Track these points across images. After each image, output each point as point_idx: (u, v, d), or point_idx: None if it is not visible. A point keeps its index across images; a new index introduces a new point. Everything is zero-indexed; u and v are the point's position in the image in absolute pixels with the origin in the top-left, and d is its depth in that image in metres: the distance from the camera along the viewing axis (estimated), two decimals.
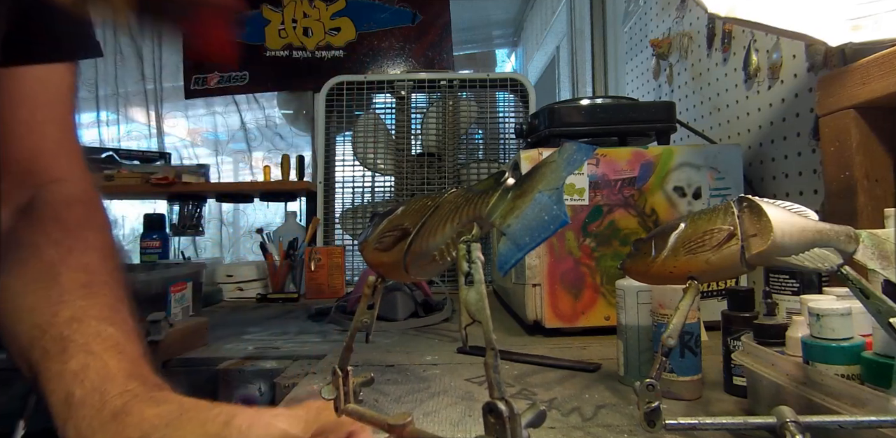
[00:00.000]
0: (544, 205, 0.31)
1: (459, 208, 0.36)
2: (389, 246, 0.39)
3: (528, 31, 4.04)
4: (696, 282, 0.49)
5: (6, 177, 0.56)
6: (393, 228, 0.39)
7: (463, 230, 0.35)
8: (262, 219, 2.95)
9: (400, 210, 0.41)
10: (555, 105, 1.17)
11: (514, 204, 0.32)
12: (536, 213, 0.31)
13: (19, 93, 0.57)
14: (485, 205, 0.34)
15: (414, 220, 0.38)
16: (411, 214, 0.39)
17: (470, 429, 0.59)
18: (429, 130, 1.80)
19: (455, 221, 0.35)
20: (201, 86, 2.45)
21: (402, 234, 0.38)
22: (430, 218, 0.37)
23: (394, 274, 0.41)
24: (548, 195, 0.31)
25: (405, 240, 0.38)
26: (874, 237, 0.48)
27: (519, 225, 0.32)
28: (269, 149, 2.97)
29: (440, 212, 0.37)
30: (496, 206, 0.33)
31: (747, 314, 0.66)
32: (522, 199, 0.32)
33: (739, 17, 0.81)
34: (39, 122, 0.58)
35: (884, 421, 0.41)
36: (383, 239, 0.40)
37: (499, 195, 0.34)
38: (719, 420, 0.44)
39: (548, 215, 0.31)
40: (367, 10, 2.42)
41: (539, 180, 0.32)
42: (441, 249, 0.36)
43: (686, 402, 0.65)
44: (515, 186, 0.34)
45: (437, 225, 0.36)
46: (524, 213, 0.32)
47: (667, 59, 1.64)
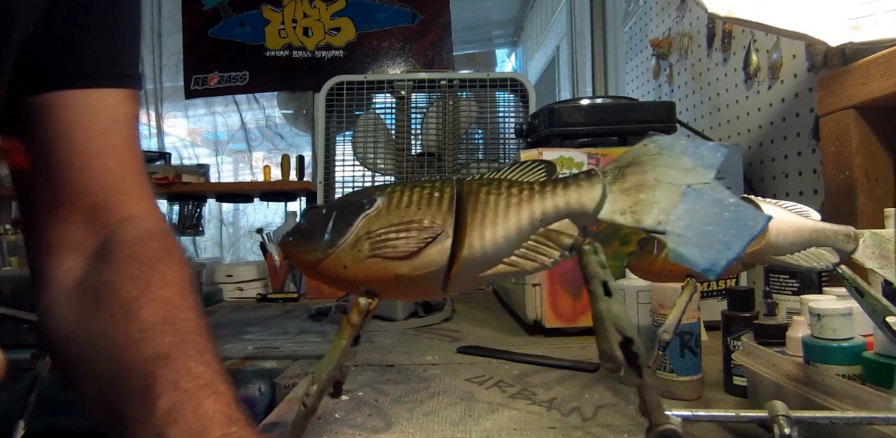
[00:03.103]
0: (711, 200, 0.28)
1: (528, 200, 0.28)
2: (413, 252, 0.28)
3: (528, 31, 4.04)
4: (694, 280, 0.49)
5: (74, 218, 0.53)
6: (403, 226, 0.29)
7: (555, 228, 0.28)
8: (262, 219, 2.95)
9: (381, 202, 0.30)
10: (555, 105, 1.17)
11: (640, 198, 0.28)
12: (708, 209, 0.27)
13: (72, 123, 0.53)
14: (582, 197, 0.28)
15: (437, 215, 0.29)
16: (418, 207, 0.29)
17: (470, 429, 0.59)
18: (429, 130, 1.80)
19: (532, 216, 0.28)
20: (201, 86, 2.45)
21: (433, 234, 0.28)
22: (469, 212, 0.29)
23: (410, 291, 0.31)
24: (701, 190, 0.28)
25: (443, 242, 0.28)
26: (876, 237, 0.48)
27: (688, 222, 0.27)
28: (269, 149, 2.97)
29: (485, 204, 0.29)
30: (603, 199, 0.28)
31: (747, 314, 0.66)
32: (646, 194, 0.28)
33: (739, 17, 0.81)
34: (96, 151, 0.53)
35: (874, 418, 0.41)
36: (390, 241, 0.29)
37: (602, 187, 0.28)
38: (713, 413, 0.45)
39: (729, 212, 0.27)
40: (367, 10, 2.42)
41: (659, 173, 0.28)
42: (522, 253, 0.28)
43: (686, 402, 0.65)
44: (615, 178, 0.29)
45: (499, 221, 0.28)
46: (683, 210, 0.27)
47: (667, 59, 1.64)
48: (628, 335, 0.27)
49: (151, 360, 0.43)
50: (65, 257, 0.53)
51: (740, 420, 0.45)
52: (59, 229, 0.54)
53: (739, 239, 0.27)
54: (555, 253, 0.29)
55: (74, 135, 0.53)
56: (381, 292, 0.31)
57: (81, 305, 0.50)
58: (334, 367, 0.31)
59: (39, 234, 0.55)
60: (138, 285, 0.48)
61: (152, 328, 0.45)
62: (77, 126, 0.53)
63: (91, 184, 0.54)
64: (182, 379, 0.41)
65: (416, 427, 0.60)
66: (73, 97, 0.53)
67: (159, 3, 2.76)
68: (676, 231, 0.27)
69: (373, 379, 0.77)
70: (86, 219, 0.54)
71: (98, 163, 0.54)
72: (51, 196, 0.54)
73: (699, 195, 0.28)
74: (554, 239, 0.29)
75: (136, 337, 0.45)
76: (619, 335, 0.27)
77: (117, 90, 0.56)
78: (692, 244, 0.27)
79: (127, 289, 0.48)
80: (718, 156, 0.29)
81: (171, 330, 0.45)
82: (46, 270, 0.53)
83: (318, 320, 1.27)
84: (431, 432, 0.59)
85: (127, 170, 0.56)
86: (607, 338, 0.27)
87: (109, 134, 0.55)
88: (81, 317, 0.49)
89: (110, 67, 0.56)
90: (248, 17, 2.45)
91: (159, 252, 0.52)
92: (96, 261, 0.52)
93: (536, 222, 0.29)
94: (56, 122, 0.53)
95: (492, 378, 0.76)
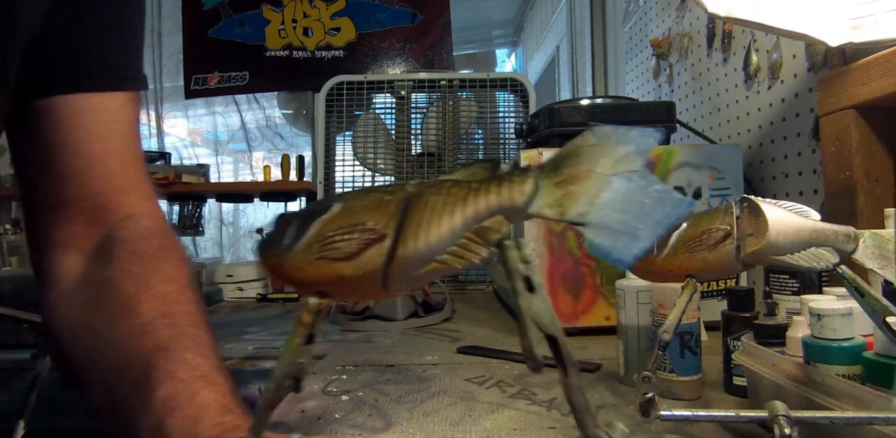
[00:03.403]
0: (635, 188, 0.27)
1: (463, 199, 0.29)
2: (353, 253, 0.29)
3: (528, 31, 4.05)
4: (694, 280, 0.49)
5: (77, 218, 0.54)
6: (349, 229, 0.29)
7: (486, 225, 0.28)
8: (262, 219, 2.95)
9: (338, 207, 0.30)
10: (555, 105, 1.17)
11: (569, 190, 0.27)
12: (630, 197, 0.27)
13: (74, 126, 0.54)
14: (513, 192, 0.28)
15: (381, 218, 0.29)
16: (368, 211, 0.30)
17: (470, 429, 0.59)
18: (429, 130, 1.80)
19: (464, 214, 0.28)
20: (201, 86, 2.45)
21: (372, 236, 0.29)
22: (409, 213, 0.29)
23: (356, 291, 0.32)
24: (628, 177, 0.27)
25: (380, 243, 0.29)
26: (876, 237, 0.48)
27: (608, 212, 0.27)
28: (269, 149, 2.97)
29: (426, 205, 0.29)
30: (534, 194, 0.28)
31: (747, 314, 0.66)
32: (577, 185, 0.27)
33: (739, 17, 0.81)
34: (99, 154, 0.55)
35: (874, 418, 0.41)
36: (335, 243, 0.29)
37: (534, 182, 0.28)
38: (713, 413, 0.45)
39: (650, 199, 0.27)
40: (367, 10, 2.42)
41: (592, 163, 0.28)
42: (453, 251, 0.28)
43: (686, 402, 0.65)
44: (548, 172, 0.28)
45: (434, 221, 0.29)
46: (607, 199, 0.27)
47: (667, 59, 1.64)
48: (549, 332, 0.27)
49: (151, 352, 0.44)
50: (67, 255, 0.54)
51: (740, 420, 0.45)
52: (61, 228, 0.54)
53: (653, 227, 0.26)
54: (483, 250, 0.28)
55: (77, 139, 0.54)
56: (331, 292, 0.31)
57: (84, 302, 0.51)
58: (287, 364, 0.31)
59: (42, 234, 0.56)
60: (138, 281, 0.49)
61: (152, 322, 0.46)
62: (80, 129, 0.54)
63: (94, 185, 0.54)
64: (179, 370, 0.42)
65: (416, 427, 0.60)
66: (76, 101, 0.54)
67: (159, 3, 2.76)
68: (595, 221, 0.27)
69: (373, 379, 0.77)
70: (88, 218, 0.54)
71: (101, 165, 0.55)
72: (54, 197, 0.54)
73: (623, 183, 0.27)
74: (483, 236, 0.28)
75: (137, 331, 0.46)
76: (540, 332, 0.27)
77: (119, 93, 0.56)
78: (608, 234, 0.27)
79: (127, 286, 0.49)
80: (651, 142, 0.28)
81: (170, 324, 0.46)
82: (49, 269, 0.54)
83: None
84: (431, 432, 0.59)
85: (128, 170, 0.57)
86: (527, 336, 0.27)
87: (111, 136, 0.56)
88: (84, 314, 0.50)
89: (113, 70, 0.56)
90: (248, 17, 2.45)
91: (159, 249, 0.53)
92: (98, 259, 0.52)
93: (469, 220, 0.28)
94: (59, 125, 0.53)
95: (492, 378, 0.76)
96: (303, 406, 0.67)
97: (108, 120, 0.56)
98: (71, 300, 0.52)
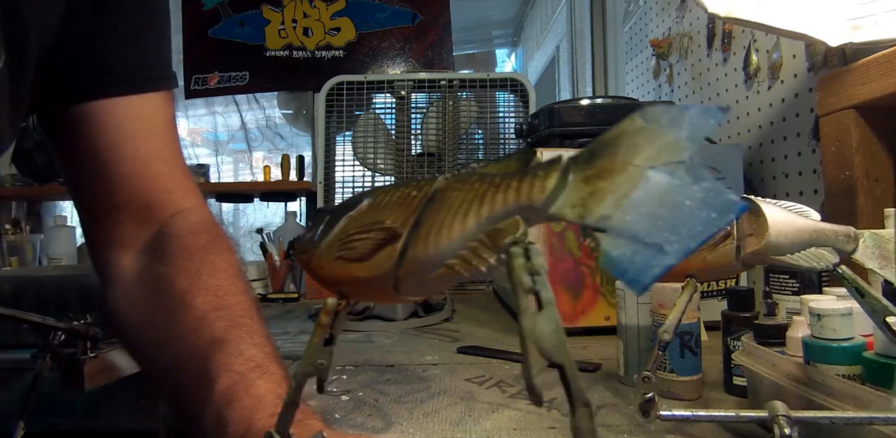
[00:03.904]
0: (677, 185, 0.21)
1: (480, 197, 0.25)
2: (367, 254, 0.27)
3: (528, 31, 4.05)
4: (694, 280, 0.49)
5: (129, 219, 0.57)
6: (367, 228, 0.27)
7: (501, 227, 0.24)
8: (262, 219, 2.95)
9: (366, 203, 0.28)
10: (555, 105, 1.17)
11: (597, 187, 0.22)
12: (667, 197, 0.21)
13: (118, 131, 0.56)
14: (533, 189, 0.24)
15: (400, 216, 0.27)
16: (390, 208, 0.27)
17: (470, 429, 0.59)
18: (429, 130, 1.80)
19: (478, 214, 0.25)
20: (201, 86, 2.45)
21: (387, 236, 0.27)
22: (427, 211, 0.26)
23: (371, 294, 0.29)
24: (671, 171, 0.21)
25: (394, 244, 0.26)
26: (876, 237, 0.48)
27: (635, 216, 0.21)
28: (269, 149, 2.97)
29: (445, 202, 0.26)
30: (558, 191, 0.23)
31: (747, 314, 0.66)
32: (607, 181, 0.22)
33: (739, 17, 0.81)
34: (145, 157, 0.57)
35: (874, 418, 0.41)
36: (352, 243, 0.27)
37: (558, 176, 0.23)
38: (713, 413, 0.45)
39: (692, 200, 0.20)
40: (367, 10, 2.42)
41: (631, 153, 0.22)
42: (462, 256, 0.25)
43: (686, 402, 0.65)
44: (581, 164, 0.23)
45: (446, 221, 0.25)
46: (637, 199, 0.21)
47: (667, 59, 1.64)
48: (555, 361, 0.21)
49: (208, 346, 0.46)
50: (123, 255, 0.57)
51: (740, 420, 0.45)
52: (115, 230, 0.57)
53: (687, 239, 0.20)
54: (491, 257, 0.24)
55: (121, 143, 0.56)
56: (349, 293, 0.30)
57: (143, 299, 0.54)
58: (307, 365, 0.31)
59: (98, 236, 0.59)
60: (190, 275, 0.52)
61: (206, 315, 0.48)
62: (123, 135, 0.56)
63: (142, 187, 0.57)
64: (235, 362, 0.44)
65: (416, 427, 0.60)
66: (114, 105, 0.56)
67: None
68: (617, 227, 0.21)
69: (373, 379, 0.77)
70: (139, 218, 0.57)
71: (147, 168, 0.57)
72: (105, 202, 0.57)
73: (663, 179, 0.21)
74: (494, 240, 0.24)
75: (194, 325, 0.48)
76: (543, 360, 0.21)
77: (154, 94, 0.58)
78: (628, 245, 0.21)
79: (181, 281, 0.51)
80: (711, 124, 0.22)
81: (223, 316, 0.49)
82: (108, 268, 0.57)
83: None
84: (431, 432, 0.59)
85: (172, 169, 0.60)
86: (527, 363, 0.21)
87: (153, 138, 0.58)
88: (145, 311, 0.53)
89: (146, 72, 0.58)
90: (248, 17, 2.45)
91: (207, 242, 0.55)
92: (152, 256, 0.56)
93: (483, 221, 0.24)
94: (100, 131, 0.56)
95: (492, 379, 0.76)
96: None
97: (148, 122, 0.58)
98: (131, 297, 0.55)
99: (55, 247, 2.12)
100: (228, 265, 0.54)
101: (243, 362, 0.44)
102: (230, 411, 0.41)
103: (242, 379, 0.43)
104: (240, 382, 0.43)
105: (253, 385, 0.42)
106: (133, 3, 0.56)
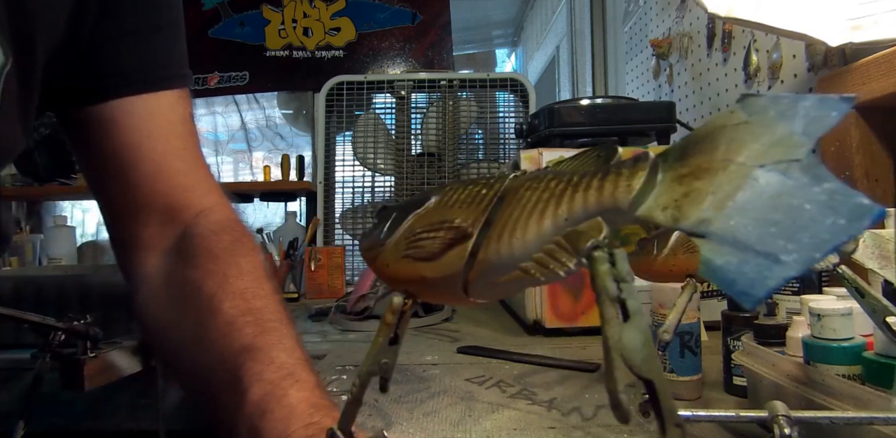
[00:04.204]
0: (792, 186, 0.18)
1: (557, 196, 0.23)
2: (435, 254, 0.26)
3: (528, 31, 4.05)
4: (694, 280, 0.49)
5: (151, 220, 0.56)
6: (436, 226, 0.26)
7: (580, 229, 0.23)
8: (262, 219, 2.94)
9: (434, 201, 0.28)
10: (555, 105, 1.17)
11: (693, 187, 0.20)
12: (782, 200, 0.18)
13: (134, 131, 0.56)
14: (618, 188, 0.22)
15: (470, 215, 0.26)
16: (459, 206, 0.26)
17: (470, 429, 0.59)
18: (429, 130, 1.80)
19: (555, 215, 0.23)
20: (201, 86, 2.45)
21: (456, 236, 0.26)
22: (499, 210, 0.25)
23: (438, 294, 0.28)
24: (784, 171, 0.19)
25: (464, 244, 0.25)
26: (876, 237, 0.48)
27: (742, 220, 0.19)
28: (269, 149, 2.97)
29: (518, 202, 0.25)
30: (645, 191, 0.21)
31: (747, 314, 0.66)
32: (705, 180, 0.20)
33: (739, 17, 0.81)
34: (161, 156, 0.57)
35: (874, 418, 0.41)
36: (420, 241, 0.27)
37: (646, 175, 0.21)
38: (713, 413, 0.45)
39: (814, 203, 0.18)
40: (367, 10, 2.42)
41: (733, 150, 0.20)
42: (538, 259, 0.23)
43: (686, 402, 0.65)
44: (672, 161, 0.21)
45: (520, 222, 0.24)
46: (744, 202, 0.19)
47: (667, 59, 1.64)
48: (644, 376, 0.19)
49: (238, 353, 0.46)
50: (148, 256, 0.57)
51: (740, 420, 0.45)
52: (138, 231, 0.57)
53: (811, 247, 0.17)
54: (570, 261, 0.23)
55: (141, 144, 0.56)
56: (415, 293, 0.29)
57: (171, 302, 0.53)
58: (373, 363, 0.31)
59: (122, 237, 0.59)
60: (216, 279, 0.51)
61: (235, 321, 0.48)
62: (139, 134, 0.56)
63: (163, 186, 0.57)
64: (266, 370, 0.44)
65: (416, 427, 0.60)
66: (129, 105, 0.56)
67: None
68: (720, 233, 0.19)
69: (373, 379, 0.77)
70: (162, 219, 0.57)
71: (166, 166, 0.57)
72: (128, 204, 0.57)
73: (775, 179, 0.19)
74: (573, 243, 0.23)
75: (224, 330, 0.48)
76: (631, 374, 0.20)
77: (169, 92, 0.58)
78: (734, 253, 0.18)
79: (208, 285, 0.51)
80: (832, 116, 0.19)
81: (252, 321, 0.48)
82: (135, 270, 0.57)
83: (318, 320, 1.27)
84: (431, 432, 0.59)
85: (191, 168, 0.59)
86: (612, 377, 0.19)
87: (171, 137, 0.58)
88: (173, 315, 0.53)
89: (159, 70, 0.58)
90: (248, 17, 2.45)
91: (231, 243, 0.55)
92: (177, 258, 0.55)
93: (560, 222, 0.23)
94: (117, 132, 0.55)
95: (492, 378, 0.76)
96: None
97: (164, 120, 0.58)
98: (158, 300, 0.54)
99: (55, 247, 2.12)
100: (254, 267, 0.54)
101: (275, 370, 0.44)
102: (264, 422, 0.40)
103: (275, 389, 0.42)
104: (272, 392, 0.42)
105: (286, 395, 0.42)
106: (143, 4, 0.56)
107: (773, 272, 0.18)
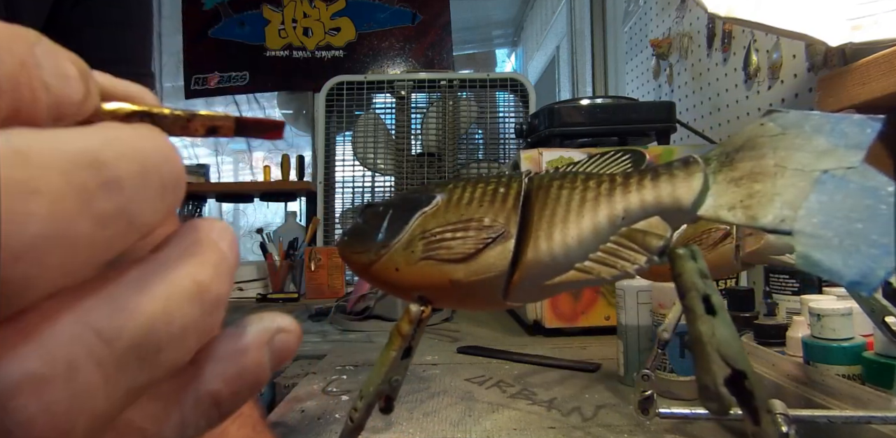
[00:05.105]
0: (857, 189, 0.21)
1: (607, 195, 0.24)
2: (471, 254, 0.24)
3: (528, 31, 4.04)
4: None
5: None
6: (462, 225, 0.25)
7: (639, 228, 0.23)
8: (262, 219, 2.95)
9: (441, 199, 0.26)
10: (555, 105, 1.17)
11: (754, 189, 0.22)
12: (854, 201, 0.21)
13: None
14: (678, 189, 0.23)
15: (499, 214, 0.25)
16: (479, 205, 0.25)
17: (470, 429, 0.59)
18: (429, 130, 1.80)
19: (611, 214, 0.23)
20: (201, 86, 2.45)
21: (493, 234, 0.24)
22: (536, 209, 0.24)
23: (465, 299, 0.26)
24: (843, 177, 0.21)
25: (504, 244, 0.24)
26: None
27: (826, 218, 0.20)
28: (269, 149, 2.97)
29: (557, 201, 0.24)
30: (704, 192, 0.23)
31: (747, 314, 0.66)
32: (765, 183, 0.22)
33: (739, 17, 0.81)
34: None
35: (872, 417, 0.41)
36: (445, 242, 0.25)
37: (701, 176, 0.23)
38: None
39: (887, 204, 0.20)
40: (367, 10, 2.42)
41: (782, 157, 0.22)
42: (600, 258, 0.23)
43: (686, 402, 0.65)
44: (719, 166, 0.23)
45: (570, 221, 0.24)
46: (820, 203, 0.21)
47: (667, 59, 1.64)
48: (739, 367, 0.21)
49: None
50: None
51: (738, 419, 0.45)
52: None
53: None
54: (640, 258, 0.23)
55: None
56: (435, 299, 0.26)
57: None
58: (382, 381, 0.28)
59: None
60: None
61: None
62: None
63: None
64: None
65: (416, 427, 0.60)
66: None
67: (159, 3, 2.76)
68: (808, 230, 0.20)
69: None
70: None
71: None
72: None
73: (841, 183, 0.21)
74: (639, 241, 0.23)
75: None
76: (727, 367, 0.21)
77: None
78: (832, 247, 0.20)
79: None
80: (868, 133, 0.22)
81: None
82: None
83: (318, 320, 1.27)
84: (431, 432, 0.59)
85: None
86: (710, 371, 0.21)
87: None
88: None
89: (124, 66, 0.57)
90: (249, 17, 2.45)
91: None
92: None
93: (617, 220, 0.23)
94: None
95: (492, 379, 0.76)
96: (303, 406, 0.67)
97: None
98: None
99: None
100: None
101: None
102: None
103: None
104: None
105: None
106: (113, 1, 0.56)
107: (879, 262, 0.19)
